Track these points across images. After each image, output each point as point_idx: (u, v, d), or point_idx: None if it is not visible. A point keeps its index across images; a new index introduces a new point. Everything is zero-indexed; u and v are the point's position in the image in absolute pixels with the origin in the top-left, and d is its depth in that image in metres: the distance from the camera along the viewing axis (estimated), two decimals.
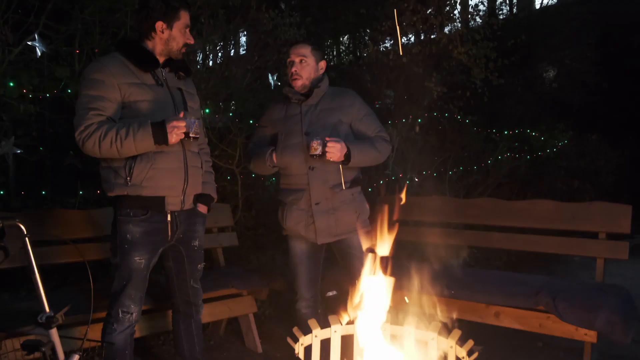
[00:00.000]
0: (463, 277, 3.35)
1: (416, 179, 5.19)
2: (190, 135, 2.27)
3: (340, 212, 2.76)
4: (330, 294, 3.49)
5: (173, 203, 2.38)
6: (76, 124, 2.23)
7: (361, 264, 2.80)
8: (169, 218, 2.39)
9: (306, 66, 2.75)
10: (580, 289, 2.95)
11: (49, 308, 1.91)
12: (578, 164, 7.29)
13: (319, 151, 2.56)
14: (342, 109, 2.80)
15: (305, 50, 2.76)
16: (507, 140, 6.51)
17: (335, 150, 2.58)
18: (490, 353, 3.46)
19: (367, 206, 2.92)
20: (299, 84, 2.75)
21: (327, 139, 2.59)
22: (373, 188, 5.01)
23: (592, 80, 8.88)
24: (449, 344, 1.55)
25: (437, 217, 3.88)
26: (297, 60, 2.75)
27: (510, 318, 2.99)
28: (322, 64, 2.83)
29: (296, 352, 1.49)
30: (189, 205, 2.47)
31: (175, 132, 2.22)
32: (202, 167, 2.53)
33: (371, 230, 2.91)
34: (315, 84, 2.77)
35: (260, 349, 3.45)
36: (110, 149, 2.20)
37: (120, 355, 2.35)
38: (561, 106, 8.54)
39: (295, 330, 1.61)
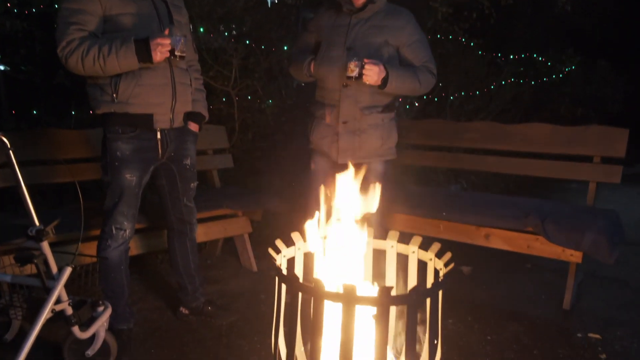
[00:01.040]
0: (455, 199, 3.38)
1: (416, 104, 5.10)
2: (176, 53, 2.20)
3: (365, 136, 2.69)
4: None
5: (162, 120, 2.36)
6: (57, 39, 2.16)
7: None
8: (158, 136, 2.37)
9: None
10: (569, 212, 2.97)
11: (39, 222, 1.94)
12: (584, 91, 7.13)
13: (355, 73, 2.46)
14: (393, 30, 2.66)
15: None
16: (512, 65, 6.33)
17: (372, 73, 2.47)
18: (480, 274, 3.57)
19: (396, 135, 2.83)
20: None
21: (366, 60, 2.47)
22: None
23: (607, 5, 8.48)
24: (429, 257, 1.58)
25: (432, 140, 3.85)
26: None
27: (500, 239, 3.04)
28: None
29: (277, 263, 1.52)
30: (178, 123, 2.44)
31: (160, 50, 2.15)
32: (191, 85, 2.48)
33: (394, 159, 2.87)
34: None
35: (255, 268, 3.55)
36: (93, 66, 2.15)
37: (116, 270, 2.41)
38: (572, 31, 8.22)
39: (278, 242, 1.63)
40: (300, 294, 1.36)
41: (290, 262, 1.67)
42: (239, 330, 2.69)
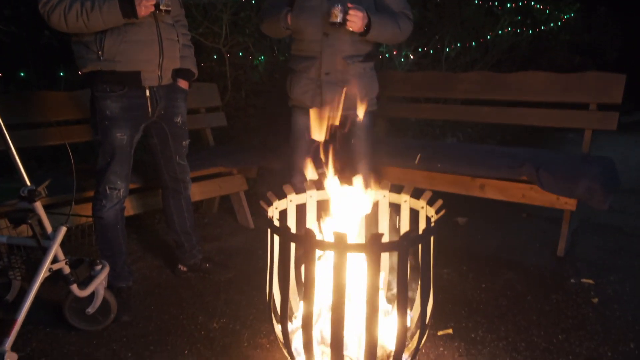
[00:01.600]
0: (450, 151, 3.37)
1: (411, 57, 5.01)
2: (161, 7, 2.15)
3: (349, 86, 2.63)
4: (322, 170, 3.53)
5: (150, 78, 2.31)
6: None
7: (361, 143, 2.78)
8: (147, 93, 2.34)
9: None
10: (564, 160, 2.97)
11: (31, 182, 1.93)
12: (582, 39, 7.00)
13: (339, 19, 2.40)
14: None
15: None
16: (509, 13, 6.18)
17: (357, 19, 2.41)
18: (475, 225, 3.60)
19: (377, 85, 2.80)
20: None
21: (350, 5, 2.40)
22: None
23: None
24: (420, 205, 1.58)
25: (426, 92, 3.80)
26: None
27: (495, 189, 3.04)
28: None
29: (269, 215, 1.52)
30: (167, 80, 2.41)
31: (144, 4, 2.10)
32: (178, 41, 2.42)
33: (376, 110, 2.84)
34: None
35: (252, 225, 3.58)
36: (76, 22, 2.10)
37: (112, 229, 2.42)
38: None
39: (270, 194, 1.63)
40: (292, 244, 1.37)
41: (283, 214, 1.67)
42: (237, 285, 2.72)
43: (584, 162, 2.90)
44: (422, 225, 1.58)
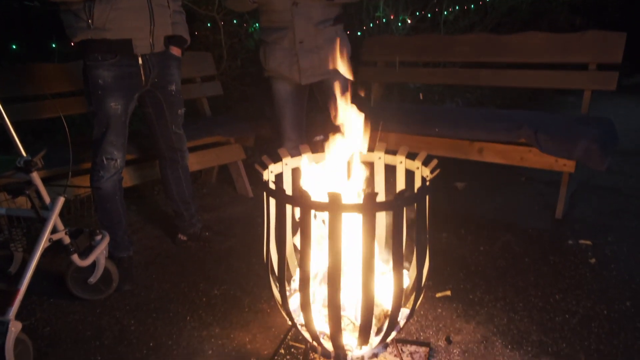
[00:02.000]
0: (448, 115, 3.35)
1: (409, 21, 4.93)
2: None
3: (324, 51, 2.67)
4: (317, 138, 3.52)
5: (141, 45, 2.28)
6: None
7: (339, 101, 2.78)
8: (140, 61, 2.31)
9: None
10: (563, 122, 2.95)
11: (26, 153, 1.93)
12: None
13: None
14: None
15: None
16: None
17: None
18: (474, 189, 3.60)
19: (349, 45, 2.81)
20: None
21: None
22: (363, 31, 4.79)
23: None
24: (416, 165, 1.57)
25: (424, 56, 3.75)
26: None
27: (493, 153, 3.03)
28: None
29: (264, 178, 1.52)
30: (159, 47, 2.37)
31: None
32: (169, 7, 2.37)
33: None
34: None
35: (251, 194, 3.59)
36: None
37: (110, 200, 2.43)
38: None
39: (264, 158, 1.62)
40: (288, 206, 1.37)
41: (279, 177, 1.67)
42: (237, 253, 2.75)
43: (583, 123, 2.88)
44: (417, 185, 1.57)
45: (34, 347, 1.86)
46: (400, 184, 1.63)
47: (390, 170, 1.71)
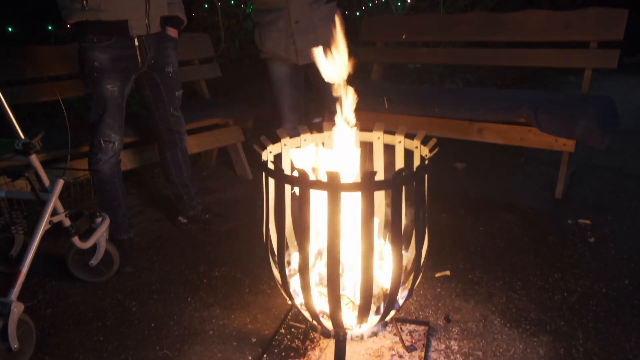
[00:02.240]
0: (448, 95, 3.32)
1: (408, 0, 4.87)
2: None
3: (320, 30, 2.67)
4: (316, 120, 3.51)
5: (137, 27, 2.25)
6: None
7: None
8: (136, 43, 2.29)
9: None
10: (563, 101, 2.93)
11: (24, 135, 1.92)
12: None
13: None
14: None
15: None
16: None
17: None
18: (474, 170, 3.60)
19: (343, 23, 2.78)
20: None
21: None
22: (362, 11, 4.74)
23: None
24: (415, 145, 1.57)
25: (423, 36, 3.71)
26: None
27: (493, 133, 3.02)
28: None
29: (263, 159, 1.51)
30: (155, 28, 2.34)
31: None
32: None
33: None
34: None
35: (251, 176, 3.59)
36: None
37: (109, 182, 2.42)
38: None
39: (263, 138, 1.62)
40: (287, 185, 1.37)
41: (277, 158, 1.67)
42: (237, 235, 2.75)
43: (583, 102, 2.87)
44: (416, 164, 1.57)
45: (37, 328, 1.88)
46: (400, 164, 1.63)
47: (389, 151, 1.71)
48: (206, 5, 4.09)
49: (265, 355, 1.77)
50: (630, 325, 1.91)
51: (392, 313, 1.56)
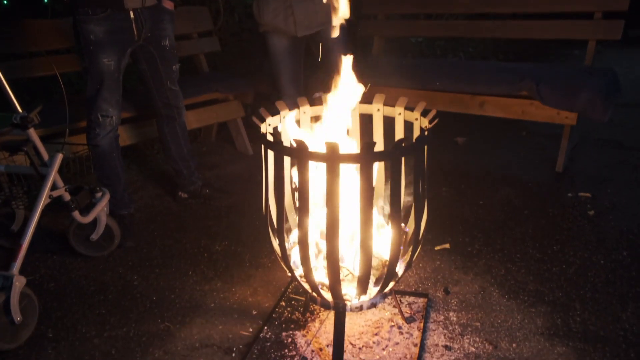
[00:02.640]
0: (449, 69, 3.29)
1: None
2: None
3: (319, 1, 2.60)
4: (316, 95, 3.47)
5: None
6: None
7: (339, 57, 2.75)
8: (132, 15, 2.25)
9: None
10: (565, 73, 2.90)
11: (22, 109, 1.91)
12: None
13: None
14: None
15: None
16: None
17: None
18: (475, 144, 3.58)
19: None
20: None
21: None
22: None
23: None
24: (414, 116, 1.56)
25: (426, 8, 3.65)
26: None
27: (494, 106, 3.00)
28: None
29: (262, 131, 1.50)
30: (151, 1, 2.31)
31: None
32: None
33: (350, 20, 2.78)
34: None
35: (251, 151, 3.58)
36: None
37: (108, 157, 2.42)
38: None
39: (262, 111, 1.61)
40: (285, 157, 1.37)
41: (276, 130, 1.66)
42: (237, 210, 2.76)
43: (586, 75, 2.83)
44: (416, 136, 1.56)
45: (39, 302, 1.90)
46: (399, 136, 1.62)
47: (389, 123, 1.70)
48: None
49: (265, 328, 1.79)
50: (627, 295, 1.92)
51: (391, 284, 1.57)
